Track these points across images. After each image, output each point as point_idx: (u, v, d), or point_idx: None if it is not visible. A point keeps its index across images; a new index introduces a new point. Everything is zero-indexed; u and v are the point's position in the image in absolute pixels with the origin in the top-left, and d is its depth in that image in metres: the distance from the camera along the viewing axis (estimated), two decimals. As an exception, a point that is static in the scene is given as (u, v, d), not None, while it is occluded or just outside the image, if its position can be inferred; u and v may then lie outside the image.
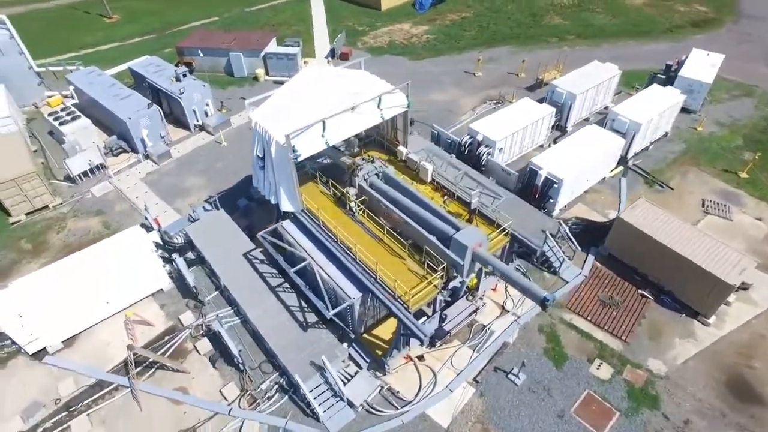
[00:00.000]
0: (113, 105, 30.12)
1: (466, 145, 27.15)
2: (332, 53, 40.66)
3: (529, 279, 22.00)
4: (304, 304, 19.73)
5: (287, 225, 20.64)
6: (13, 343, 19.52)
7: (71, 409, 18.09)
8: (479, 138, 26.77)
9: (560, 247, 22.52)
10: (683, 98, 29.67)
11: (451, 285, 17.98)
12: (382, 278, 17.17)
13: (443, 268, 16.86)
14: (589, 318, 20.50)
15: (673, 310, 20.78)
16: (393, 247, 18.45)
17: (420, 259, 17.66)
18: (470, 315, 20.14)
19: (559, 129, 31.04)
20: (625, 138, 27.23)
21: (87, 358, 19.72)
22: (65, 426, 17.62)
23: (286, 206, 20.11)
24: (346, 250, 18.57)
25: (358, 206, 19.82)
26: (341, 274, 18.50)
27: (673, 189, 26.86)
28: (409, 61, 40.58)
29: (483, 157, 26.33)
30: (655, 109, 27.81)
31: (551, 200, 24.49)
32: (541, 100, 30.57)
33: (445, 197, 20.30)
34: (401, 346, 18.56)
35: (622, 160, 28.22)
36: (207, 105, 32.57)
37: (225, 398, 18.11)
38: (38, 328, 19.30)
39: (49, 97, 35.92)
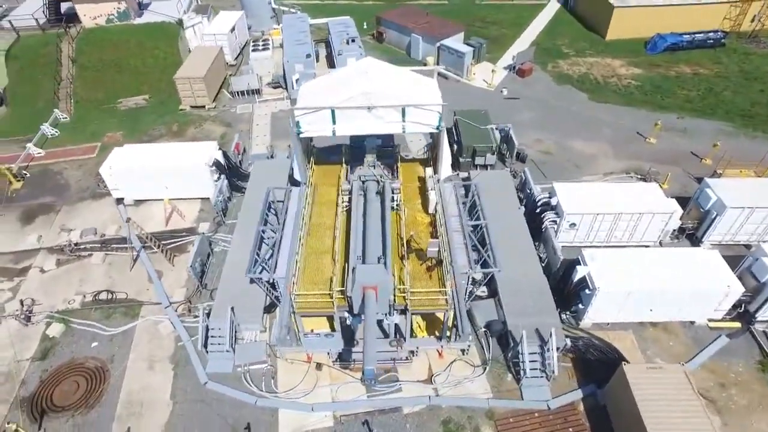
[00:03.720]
0: (288, 48, 35.60)
1: (539, 204, 23.36)
2: (512, 66, 38.29)
3: (485, 363, 18.68)
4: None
5: (294, 190, 22.05)
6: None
7: (101, 245, 24.13)
8: (553, 201, 22.67)
9: (545, 360, 18.07)
10: None
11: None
12: (296, 270, 17.29)
13: (343, 291, 16.04)
14: (508, 449, 16.49)
15: None
16: (340, 253, 18.12)
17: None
18: (389, 360, 18.56)
19: (691, 239, 23.57)
20: (760, 291, 19.31)
21: (136, 217, 25.49)
22: (90, 253, 23.70)
23: (295, 173, 21.50)
24: (300, 231, 19.10)
25: (344, 202, 19.83)
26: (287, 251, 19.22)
27: (794, 391, 18.08)
28: (587, 99, 35.31)
29: (544, 223, 22.37)
30: (837, 275, 18.62)
31: (581, 306, 19.58)
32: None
33: (412, 234, 18.44)
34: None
35: (744, 315, 20.10)
36: (357, 72, 35.30)
37: (171, 296, 21.45)
38: (123, 183, 25.77)
39: (274, 29, 44.21)
